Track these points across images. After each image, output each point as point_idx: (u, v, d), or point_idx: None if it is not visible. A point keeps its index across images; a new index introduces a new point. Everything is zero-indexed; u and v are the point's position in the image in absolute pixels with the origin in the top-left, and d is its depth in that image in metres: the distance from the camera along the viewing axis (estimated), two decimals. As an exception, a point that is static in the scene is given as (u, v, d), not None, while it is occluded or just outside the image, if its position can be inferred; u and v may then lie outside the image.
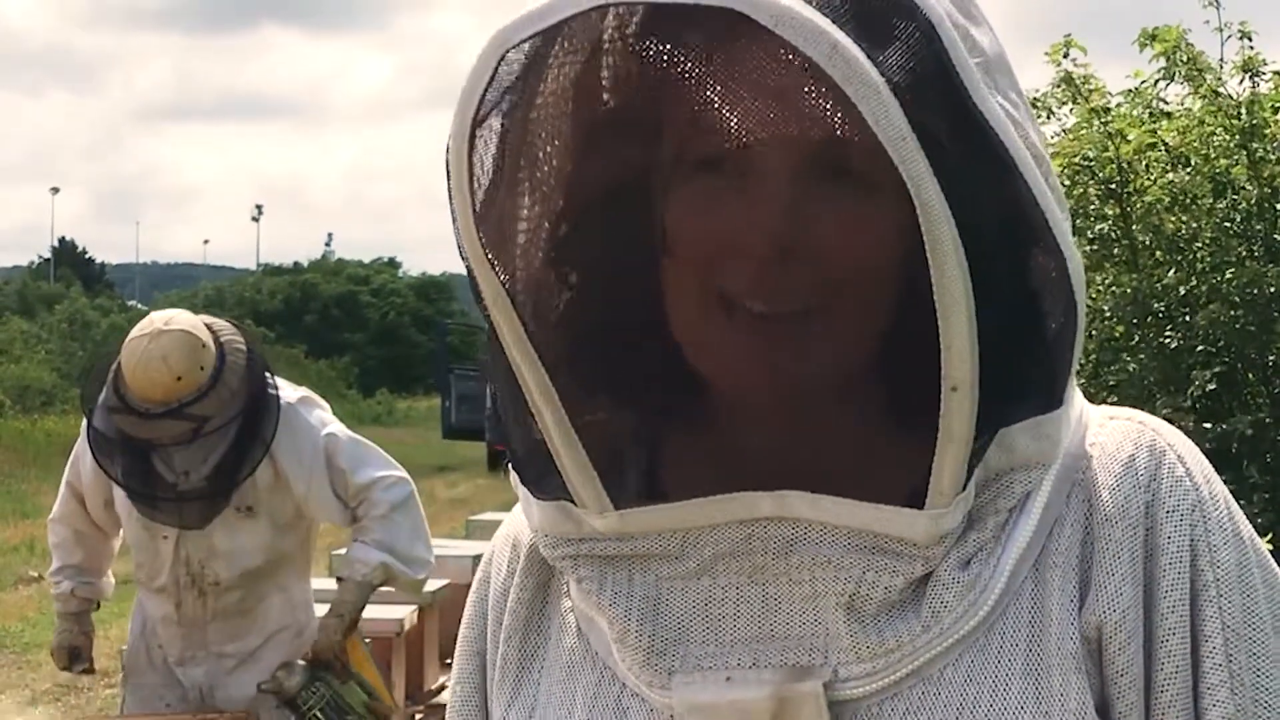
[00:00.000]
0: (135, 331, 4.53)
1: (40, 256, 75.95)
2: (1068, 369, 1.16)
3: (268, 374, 4.60)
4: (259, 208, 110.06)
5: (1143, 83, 8.82)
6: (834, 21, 1.04)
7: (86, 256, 73.86)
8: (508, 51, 1.10)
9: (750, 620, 1.16)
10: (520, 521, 1.32)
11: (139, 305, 65.41)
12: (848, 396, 1.15)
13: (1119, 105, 8.84)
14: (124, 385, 4.47)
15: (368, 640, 6.51)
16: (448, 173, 1.14)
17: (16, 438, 25.47)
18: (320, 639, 4.74)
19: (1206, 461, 1.23)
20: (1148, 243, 8.73)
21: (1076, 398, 1.21)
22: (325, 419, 4.74)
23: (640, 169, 1.16)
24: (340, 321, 55.69)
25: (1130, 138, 8.55)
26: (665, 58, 1.12)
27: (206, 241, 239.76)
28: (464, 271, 1.18)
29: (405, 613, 6.96)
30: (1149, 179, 8.71)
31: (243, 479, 4.56)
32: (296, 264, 66.02)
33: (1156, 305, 8.61)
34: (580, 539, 1.20)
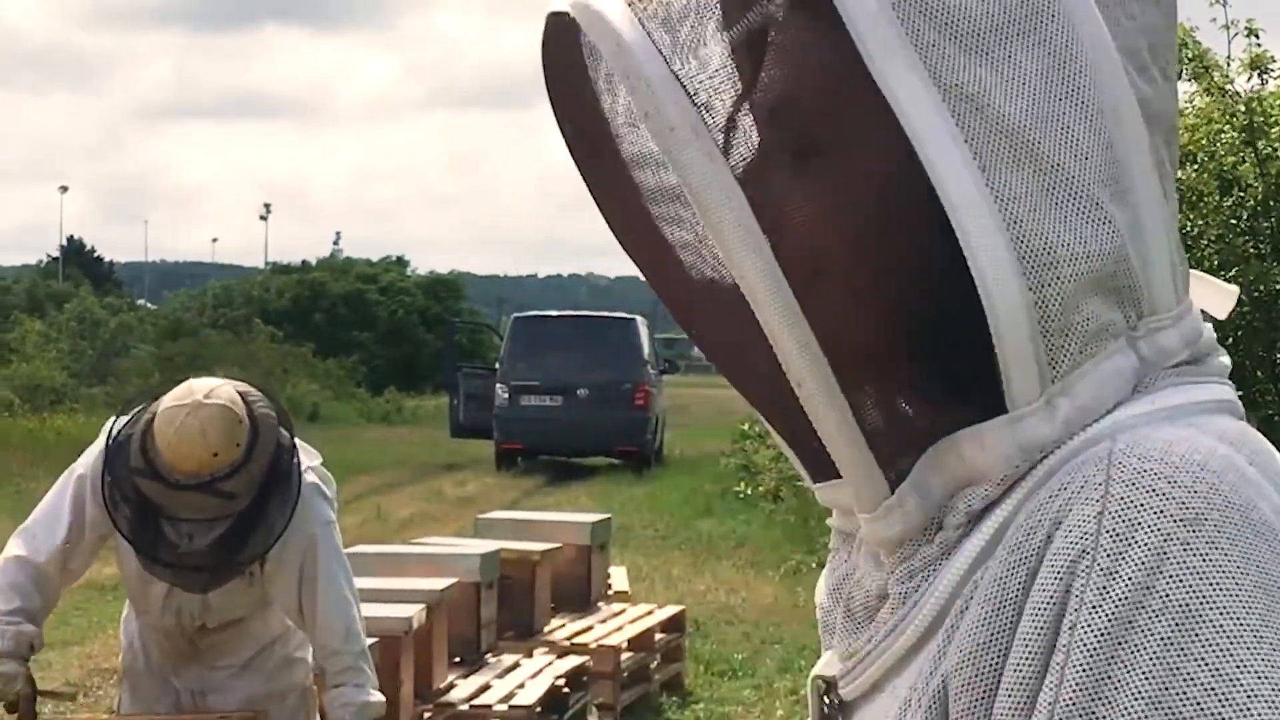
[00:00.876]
0: (173, 399, 4.46)
1: (49, 255, 76.09)
2: (1001, 372, 1.01)
3: (295, 457, 4.56)
4: (267, 206, 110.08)
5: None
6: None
7: (95, 255, 73.96)
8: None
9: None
10: None
11: (148, 304, 65.51)
12: (875, 371, 1.08)
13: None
14: (154, 451, 4.41)
15: (375, 639, 6.52)
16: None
17: (26, 437, 25.50)
18: None
19: (1192, 499, 0.94)
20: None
21: (1075, 406, 1.02)
22: (324, 514, 4.69)
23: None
24: (348, 320, 55.65)
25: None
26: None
27: (215, 240, 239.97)
28: (469, 271, 1.19)
29: (414, 611, 6.98)
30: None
31: (243, 565, 4.54)
32: (305, 262, 66.02)
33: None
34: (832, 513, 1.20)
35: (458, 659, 8.18)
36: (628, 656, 9.34)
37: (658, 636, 9.96)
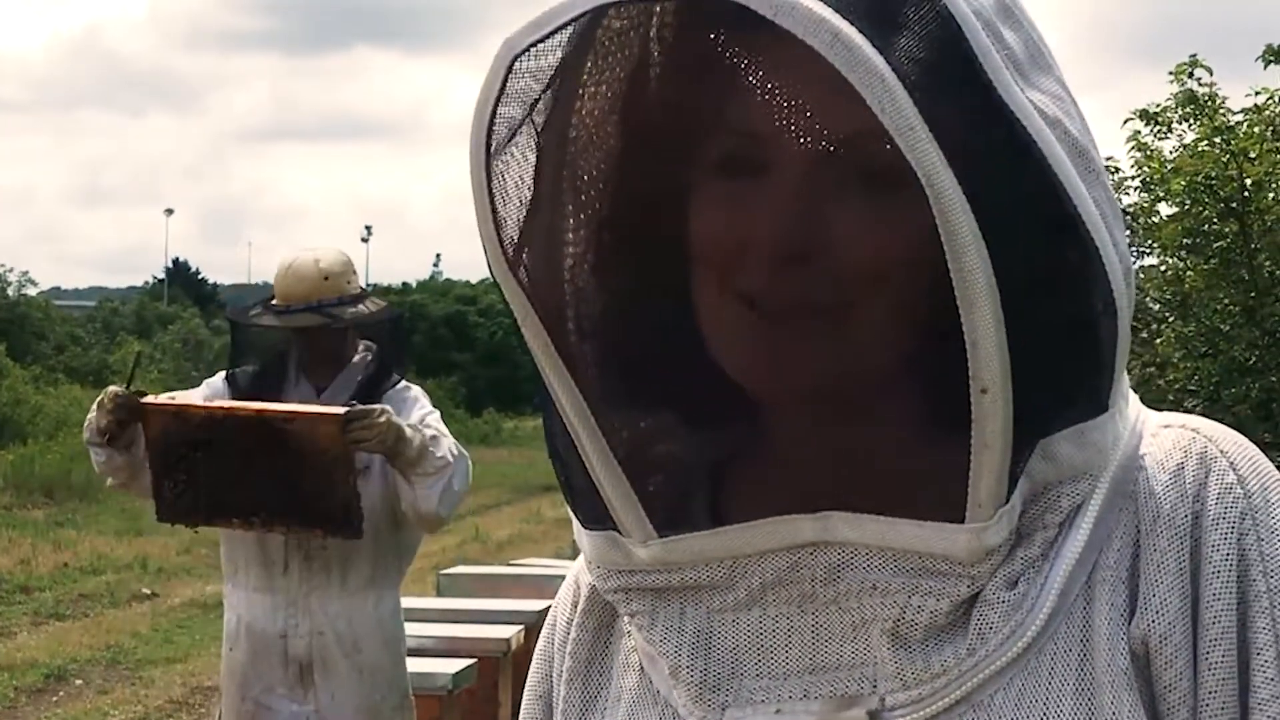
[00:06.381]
0: (291, 251, 4.86)
1: (154, 277, 77.07)
2: (1111, 371, 1.11)
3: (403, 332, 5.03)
4: (368, 229, 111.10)
5: (1268, 99, 8.69)
6: (840, 12, 1.02)
7: (199, 277, 74.85)
8: (515, 61, 1.09)
9: (801, 651, 1.13)
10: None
11: (251, 325, 66.10)
12: (884, 405, 1.12)
13: (1240, 123, 8.72)
14: (274, 293, 4.80)
15: (474, 659, 6.51)
16: (474, 191, 1.12)
17: (130, 455, 25.81)
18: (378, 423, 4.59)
19: (1270, 468, 1.16)
20: (1266, 262, 8.60)
21: (1129, 405, 1.17)
22: (425, 403, 4.90)
23: (662, 174, 1.14)
24: (448, 341, 56.04)
25: (1253, 157, 8.42)
26: (670, 57, 1.12)
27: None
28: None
29: (513, 632, 6.97)
30: (1273, 197, 8.57)
31: (377, 397, 4.71)
32: (405, 284, 66.52)
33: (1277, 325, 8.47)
34: (630, 570, 1.17)
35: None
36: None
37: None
